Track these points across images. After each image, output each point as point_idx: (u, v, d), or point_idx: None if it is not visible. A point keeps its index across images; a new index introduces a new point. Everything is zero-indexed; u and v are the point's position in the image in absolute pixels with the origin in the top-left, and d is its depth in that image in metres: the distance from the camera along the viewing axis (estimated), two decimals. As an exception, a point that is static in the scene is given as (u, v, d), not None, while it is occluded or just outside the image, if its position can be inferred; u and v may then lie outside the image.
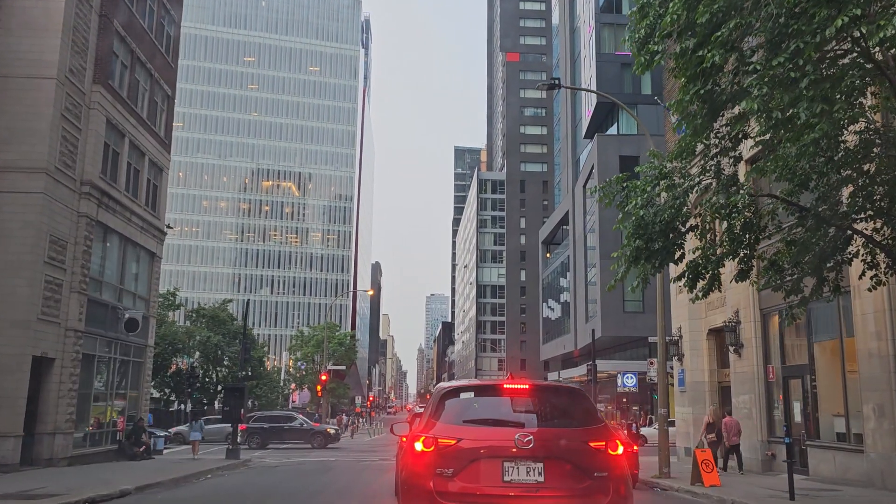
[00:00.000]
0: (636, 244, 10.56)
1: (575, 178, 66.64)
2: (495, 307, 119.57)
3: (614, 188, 11.54)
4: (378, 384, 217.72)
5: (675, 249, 10.79)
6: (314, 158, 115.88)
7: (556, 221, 74.93)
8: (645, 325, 50.71)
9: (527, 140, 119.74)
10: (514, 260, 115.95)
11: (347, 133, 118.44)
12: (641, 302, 51.38)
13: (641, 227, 10.46)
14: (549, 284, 78.17)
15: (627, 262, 11.01)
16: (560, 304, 71.58)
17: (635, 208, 10.69)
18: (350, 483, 17.53)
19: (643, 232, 10.45)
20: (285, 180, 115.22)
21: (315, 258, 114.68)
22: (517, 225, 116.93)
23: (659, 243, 10.43)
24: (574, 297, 63.86)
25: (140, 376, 25.81)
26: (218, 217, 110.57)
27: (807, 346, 18.87)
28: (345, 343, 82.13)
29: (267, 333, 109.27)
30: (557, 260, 73.27)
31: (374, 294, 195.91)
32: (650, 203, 10.97)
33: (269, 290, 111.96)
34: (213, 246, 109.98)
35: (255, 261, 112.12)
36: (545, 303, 79.58)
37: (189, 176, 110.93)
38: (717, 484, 15.94)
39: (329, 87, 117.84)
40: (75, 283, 20.44)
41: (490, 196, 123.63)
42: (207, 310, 51.20)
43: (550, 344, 74.95)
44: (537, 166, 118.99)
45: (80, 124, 20.85)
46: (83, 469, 19.28)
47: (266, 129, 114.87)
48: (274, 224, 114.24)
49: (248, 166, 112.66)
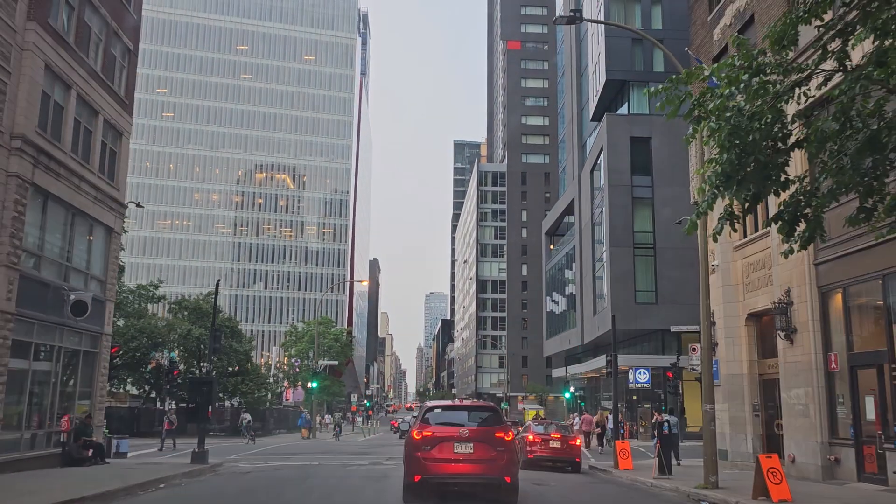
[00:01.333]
0: (728, 157, 7.18)
1: (581, 165, 63.34)
2: (496, 303, 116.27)
3: (680, 92, 8.14)
4: (376, 382, 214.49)
5: (777, 171, 7.43)
6: (309, 150, 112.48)
7: (561, 210, 71.59)
8: (658, 318, 47.48)
9: (528, 131, 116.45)
10: (515, 254, 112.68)
11: (344, 124, 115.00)
12: (654, 293, 48.08)
13: (736, 135, 7.07)
14: (552, 277, 74.88)
15: (714, 186, 7.62)
16: (565, 298, 68.29)
17: (720, 109, 7.30)
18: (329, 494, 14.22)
19: (739, 141, 7.06)
20: (279, 172, 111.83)
21: (310, 252, 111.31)
22: (518, 218, 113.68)
23: (757, 161, 7.08)
24: (581, 289, 60.58)
25: (94, 369, 22.47)
26: (210, 210, 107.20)
27: (884, 328, 15.52)
28: (340, 339, 78.83)
29: (261, 330, 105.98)
30: (562, 251, 69.98)
31: (373, 291, 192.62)
32: (737, 111, 7.57)
33: (262, 285, 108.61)
34: (204, 240, 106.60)
35: (249, 255, 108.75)
36: (549, 296, 76.27)
37: (180, 168, 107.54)
38: (787, 499, 12.63)
39: (325, 76, 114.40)
40: (2, 256, 17.10)
41: (490, 188, 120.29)
42: (190, 301, 47.83)
43: (555, 339, 71.65)
44: (539, 158, 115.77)
45: (10, 67, 17.51)
46: (5, 479, 15.93)
47: (259, 120, 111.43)
48: (268, 217, 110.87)
49: (241, 158, 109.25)
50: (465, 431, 11.67)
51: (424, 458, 11.48)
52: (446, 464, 11.44)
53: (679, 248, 48.17)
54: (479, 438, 11.60)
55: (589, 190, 57.63)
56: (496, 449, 11.57)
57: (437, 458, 11.43)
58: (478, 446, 11.51)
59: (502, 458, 11.57)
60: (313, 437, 46.59)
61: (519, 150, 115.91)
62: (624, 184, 49.39)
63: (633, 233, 48.88)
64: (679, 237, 47.46)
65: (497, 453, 11.55)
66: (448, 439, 11.54)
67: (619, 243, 48.48)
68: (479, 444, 11.52)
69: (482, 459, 11.45)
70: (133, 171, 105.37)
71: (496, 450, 11.56)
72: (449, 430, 11.70)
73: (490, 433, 11.76)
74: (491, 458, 11.49)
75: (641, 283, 48.59)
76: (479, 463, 11.47)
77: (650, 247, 48.79)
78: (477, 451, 11.48)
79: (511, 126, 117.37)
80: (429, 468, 11.45)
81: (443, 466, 11.44)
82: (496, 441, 11.62)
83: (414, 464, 11.66)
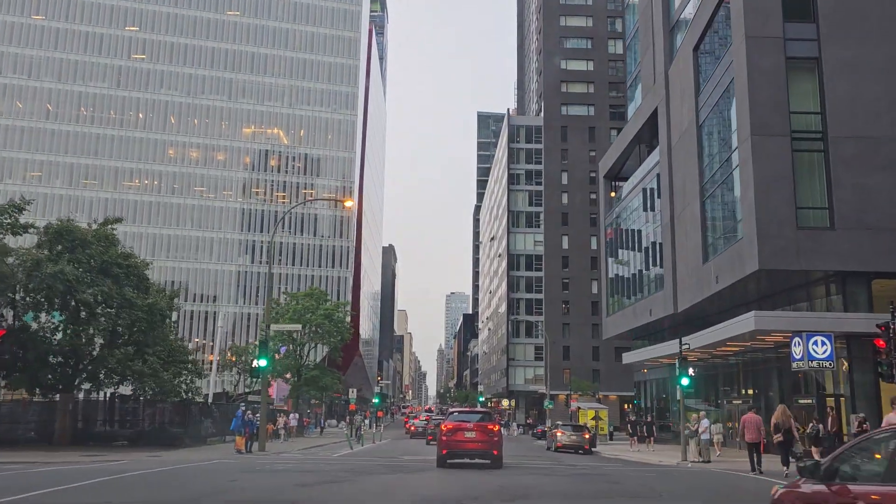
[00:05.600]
0: None
1: (670, 56, 44.00)
2: (531, 282, 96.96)
3: None
4: (392, 381, 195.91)
5: None
6: (306, 98, 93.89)
7: (630, 138, 52.40)
8: (834, 252, 28.33)
9: (569, 77, 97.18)
10: (554, 223, 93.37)
11: (348, 68, 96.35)
12: (828, 210, 28.54)
13: None
14: (618, 232, 55.60)
15: None
16: (641, 252, 48.96)
17: None
18: None
19: None
20: (270, 125, 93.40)
21: (307, 219, 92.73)
22: (557, 180, 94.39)
23: None
24: (672, 234, 41.38)
25: None
26: (187, 168, 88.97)
27: None
28: (334, 316, 59.98)
29: (246, 312, 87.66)
30: (633, 191, 50.71)
31: (387, 280, 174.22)
32: None
33: (248, 257, 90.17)
34: (179, 203, 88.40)
35: (233, 222, 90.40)
36: (611, 258, 56.95)
37: (151, 117, 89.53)
38: None
39: (326, 10, 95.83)
40: None
41: (524, 145, 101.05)
42: (63, 224, 29.18)
43: (623, 314, 52.43)
44: (582, 109, 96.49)
45: None
46: None
47: (247, 62, 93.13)
48: (256, 177, 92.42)
49: (224, 106, 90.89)
50: (470, 424, 20.58)
51: (448, 440, 20.27)
52: (460, 443, 20.28)
53: (869, 140, 28.95)
54: (478, 429, 20.41)
55: (688, 82, 38.46)
56: (488, 435, 20.35)
57: (456, 440, 20.26)
58: (478, 433, 20.25)
59: (492, 440, 20.29)
60: (260, 448, 27.75)
61: (558, 101, 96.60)
62: (772, 35, 29.96)
63: (790, 114, 29.48)
64: (869, 121, 28.22)
65: (489, 437, 20.29)
66: (461, 430, 20.41)
67: (767, 129, 29.10)
68: (479, 432, 20.28)
69: (480, 440, 20.18)
70: (93, 120, 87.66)
71: (488, 435, 20.33)
72: (462, 424, 20.69)
73: (485, 426, 20.65)
74: (485, 440, 20.20)
75: (804, 195, 29.17)
76: (478, 443, 20.22)
77: (817, 137, 29.38)
78: (478, 435, 20.21)
79: (548, 73, 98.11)
80: (451, 446, 20.25)
81: (459, 444, 20.28)
82: (489, 430, 20.50)
83: (443, 444, 20.34)
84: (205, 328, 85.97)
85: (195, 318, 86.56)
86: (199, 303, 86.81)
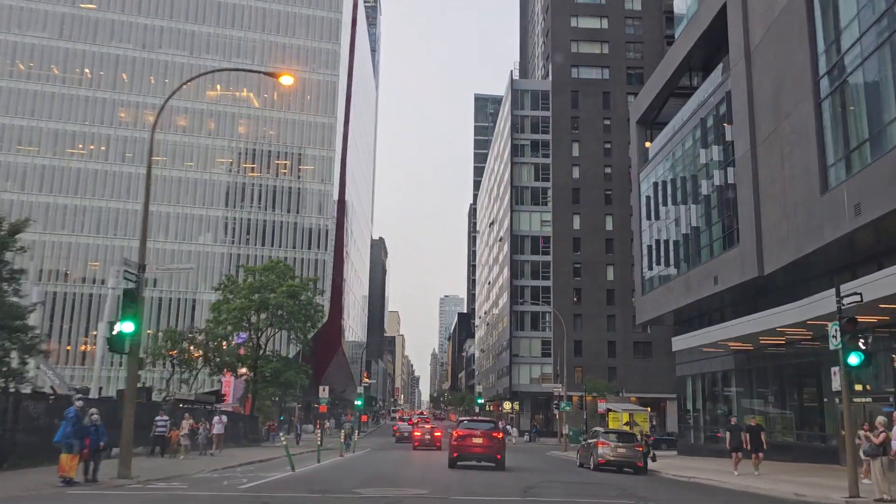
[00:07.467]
0: None
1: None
2: (536, 267, 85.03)
3: None
4: (382, 384, 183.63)
5: None
6: (280, 55, 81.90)
7: (676, 64, 40.81)
8: None
9: (580, 35, 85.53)
10: (563, 200, 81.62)
11: (329, 22, 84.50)
12: None
13: None
14: (656, 187, 43.88)
15: None
16: (699, 204, 37.14)
17: None
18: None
19: None
20: (239, 86, 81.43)
21: (280, 192, 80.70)
22: (567, 152, 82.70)
23: None
24: (754, 163, 29.73)
25: None
26: (141, 132, 76.81)
27: None
28: (301, 296, 47.95)
29: (209, 299, 75.58)
30: (682, 128, 38.98)
31: (377, 274, 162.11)
32: None
33: (211, 235, 78.04)
34: (131, 171, 76.26)
35: (193, 195, 78.30)
36: (647, 220, 45.22)
37: (101, 75, 77.47)
38: None
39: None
40: None
41: (529, 112, 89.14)
42: None
43: (663, 290, 40.73)
44: (595, 71, 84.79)
45: None
46: None
47: (212, 12, 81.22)
48: (221, 145, 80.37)
49: (185, 62, 78.80)
50: (478, 432, 24.21)
51: (458, 444, 23.90)
52: (469, 448, 23.86)
53: None
54: (485, 436, 24.01)
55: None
56: (493, 441, 23.97)
57: (465, 445, 23.87)
58: (484, 439, 23.85)
59: (496, 445, 23.86)
60: (121, 473, 15.85)
61: (567, 62, 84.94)
62: None
63: None
64: None
65: (494, 443, 23.90)
66: (470, 436, 23.97)
67: None
68: (485, 439, 23.87)
69: (486, 446, 23.76)
70: (31, 76, 75.51)
71: (493, 441, 23.95)
72: (471, 431, 24.24)
73: (490, 433, 24.33)
74: (490, 445, 23.79)
75: None
76: (484, 448, 23.76)
77: None
78: (484, 441, 23.81)
79: (556, 31, 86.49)
80: (461, 449, 23.91)
81: (467, 449, 23.87)
82: (493, 437, 24.16)
83: (453, 448, 24.02)
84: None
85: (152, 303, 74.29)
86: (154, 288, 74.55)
